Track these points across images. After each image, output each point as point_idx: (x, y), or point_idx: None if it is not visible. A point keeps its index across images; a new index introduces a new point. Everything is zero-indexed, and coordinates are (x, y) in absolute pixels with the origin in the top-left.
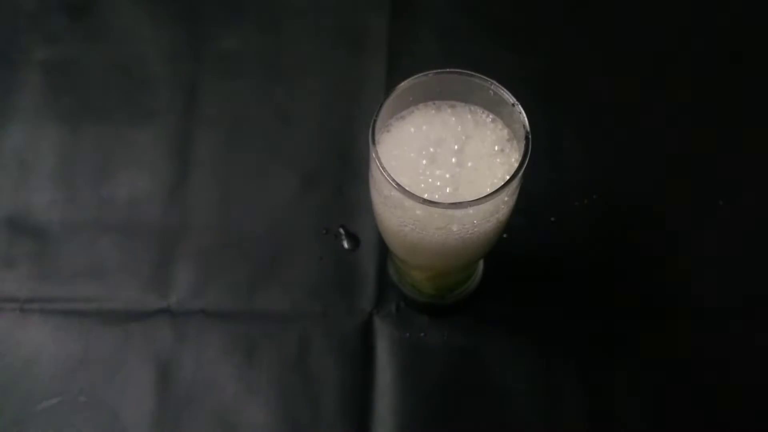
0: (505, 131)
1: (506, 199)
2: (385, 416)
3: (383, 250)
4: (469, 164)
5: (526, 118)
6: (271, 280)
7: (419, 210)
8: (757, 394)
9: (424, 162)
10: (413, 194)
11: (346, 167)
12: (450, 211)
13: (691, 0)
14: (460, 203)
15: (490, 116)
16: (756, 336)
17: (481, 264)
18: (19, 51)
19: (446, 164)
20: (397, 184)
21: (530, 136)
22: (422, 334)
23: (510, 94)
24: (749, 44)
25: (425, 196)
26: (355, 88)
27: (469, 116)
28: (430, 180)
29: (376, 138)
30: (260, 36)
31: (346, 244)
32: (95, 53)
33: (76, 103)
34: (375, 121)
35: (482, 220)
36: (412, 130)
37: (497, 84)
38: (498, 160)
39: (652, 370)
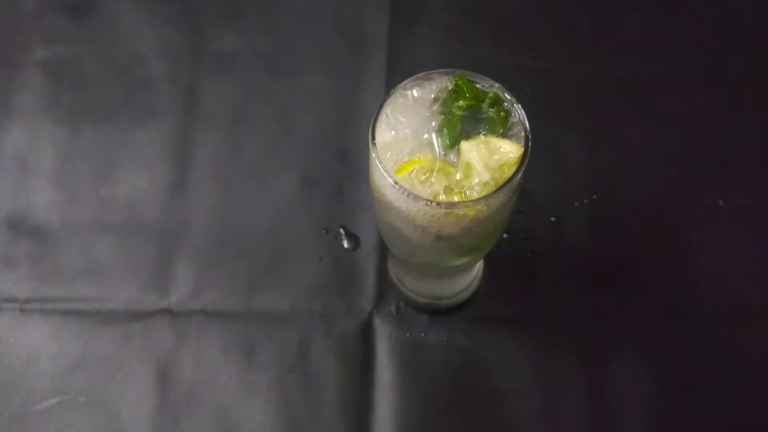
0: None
1: (505, 199)
2: (385, 416)
3: (383, 250)
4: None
5: (526, 118)
6: (271, 280)
7: (419, 210)
8: (757, 393)
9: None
10: (413, 194)
11: (346, 167)
12: (449, 211)
13: (689, 1)
14: (459, 203)
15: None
16: (756, 336)
17: (481, 264)
18: (19, 51)
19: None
20: (397, 183)
21: (530, 136)
22: (422, 334)
23: (510, 94)
24: (749, 44)
25: (425, 196)
26: (355, 88)
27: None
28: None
29: (376, 138)
30: (260, 36)
31: (346, 244)
32: (95, 53)
33: (76, 103)
34: (375, 121)
35: (482, 220)
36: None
37: (497, 84)
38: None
39: (652, 370)
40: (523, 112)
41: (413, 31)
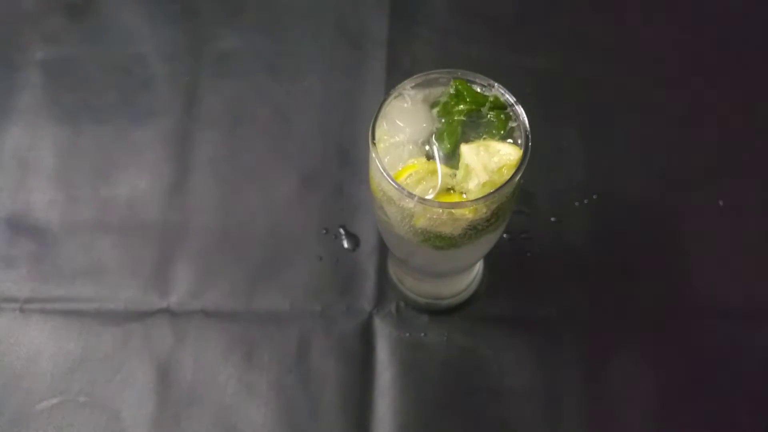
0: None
1: (505, 200)
2: (385, 416)
3: (383, 250)
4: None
5: (526, 118)
6: (270, 280)
7: (418, 210)
8: (757, 394)
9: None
10: (412, 194)
11: (346, 167)
12: (449, 212)
13: (689, 1)
14: (459, 203)
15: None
16: (756, 336)
17: (481, 264)
18: (19, 51)
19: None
20: (397, 184)
21: (530, 136)
22: (422, 334)
23: (510, 94)
24: (749, 44)
25: (425, 197)
26: (355, 88)
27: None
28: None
29: (376, 138)
30: (260, 36)
31: (346, 244)
32: (95, 53)
33: (76, 103)
34: (375, 121)
35: (482, 220)
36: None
37: (497, 84)
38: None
39: (652, 370)
40: (523, 112)
41: (413, 31)
